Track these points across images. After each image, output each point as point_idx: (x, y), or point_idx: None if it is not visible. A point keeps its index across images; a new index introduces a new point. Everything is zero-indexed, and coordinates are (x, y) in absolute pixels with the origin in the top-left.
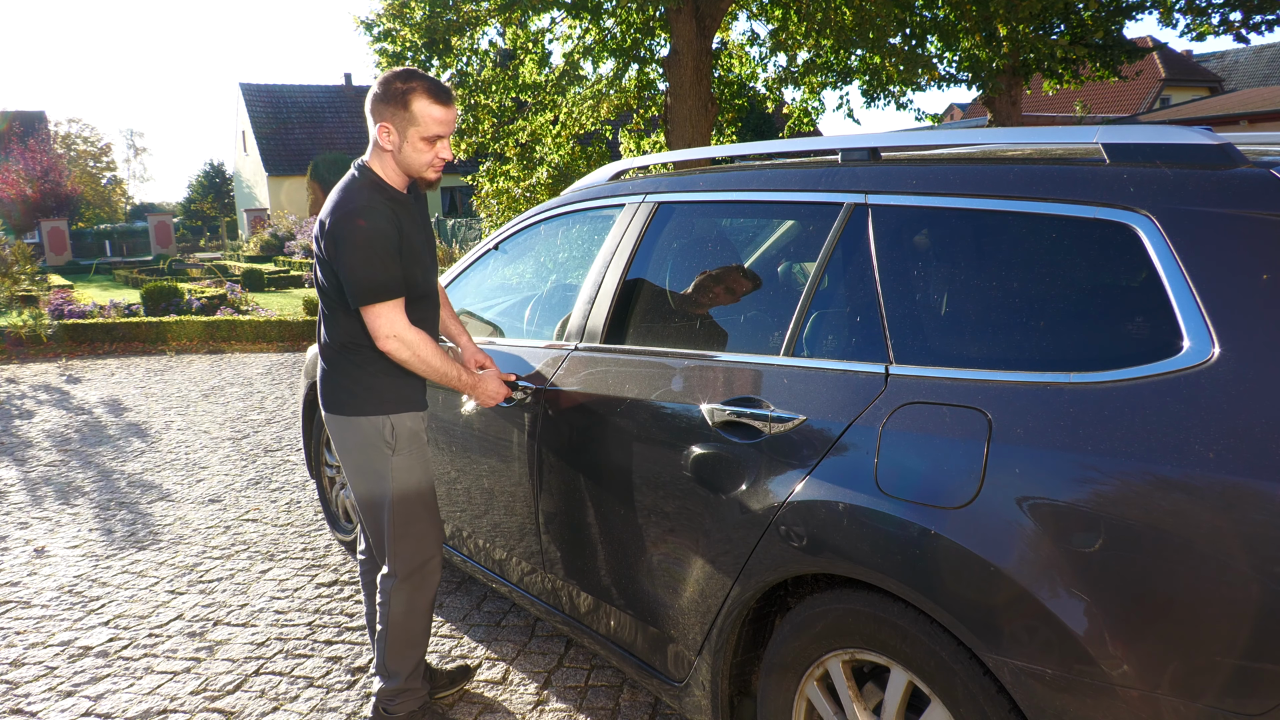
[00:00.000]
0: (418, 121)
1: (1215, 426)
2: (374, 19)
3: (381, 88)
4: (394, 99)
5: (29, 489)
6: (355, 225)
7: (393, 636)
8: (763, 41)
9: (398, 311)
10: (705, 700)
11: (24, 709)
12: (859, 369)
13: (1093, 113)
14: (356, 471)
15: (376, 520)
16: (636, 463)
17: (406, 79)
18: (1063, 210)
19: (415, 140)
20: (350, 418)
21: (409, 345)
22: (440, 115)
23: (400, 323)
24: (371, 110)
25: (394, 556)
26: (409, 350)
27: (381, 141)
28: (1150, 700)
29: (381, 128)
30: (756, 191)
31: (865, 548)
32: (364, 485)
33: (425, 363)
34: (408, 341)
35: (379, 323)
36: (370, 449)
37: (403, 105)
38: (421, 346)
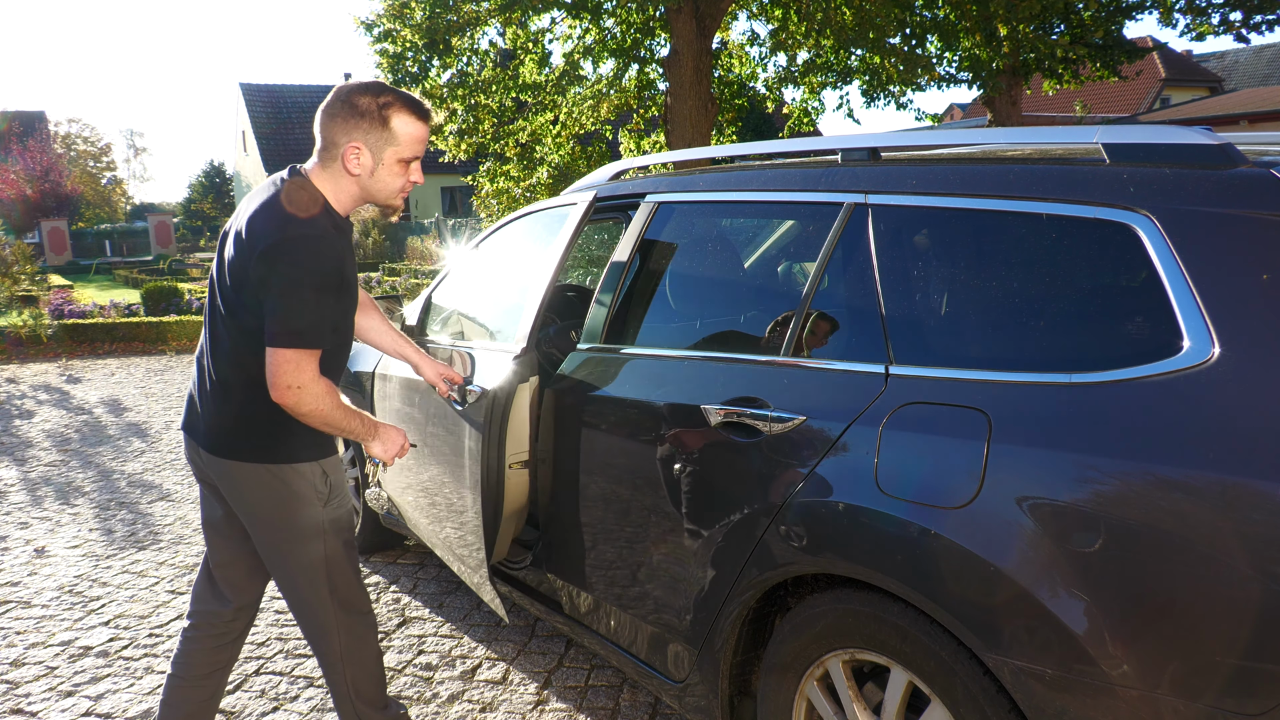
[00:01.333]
0: (397, 141)
1: (1215, 426)
2: (374, 19)
3: (348, 103)
4: (367, 115)
5: (29, 489)
6: (303, 254)
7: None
8: (763, 41)
9: (312, 361)
10: (705, 700)
11: (24, 709)
12: (859, 369)
13: (1093, 113)
14: (276, 530)
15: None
16: (636, 462)
17: (380, 92)
18: (1063, 210)
19: (392, 163)
20: (274, 466)
21: (313, 399)
22: (422, 134)
23: (309, 372)
24: (335, 128)
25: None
26: (311, 404)
27: (349, 165)
28: (1150, 700)
29: (351, 148)
30: (756, 191)
31: (865, 548)
32: (288, 546)
33: (324, 416)
34: (312, 394)
35: (285, 369)
36: (298, 502)
37: (380, 123)
38: (324, 399)
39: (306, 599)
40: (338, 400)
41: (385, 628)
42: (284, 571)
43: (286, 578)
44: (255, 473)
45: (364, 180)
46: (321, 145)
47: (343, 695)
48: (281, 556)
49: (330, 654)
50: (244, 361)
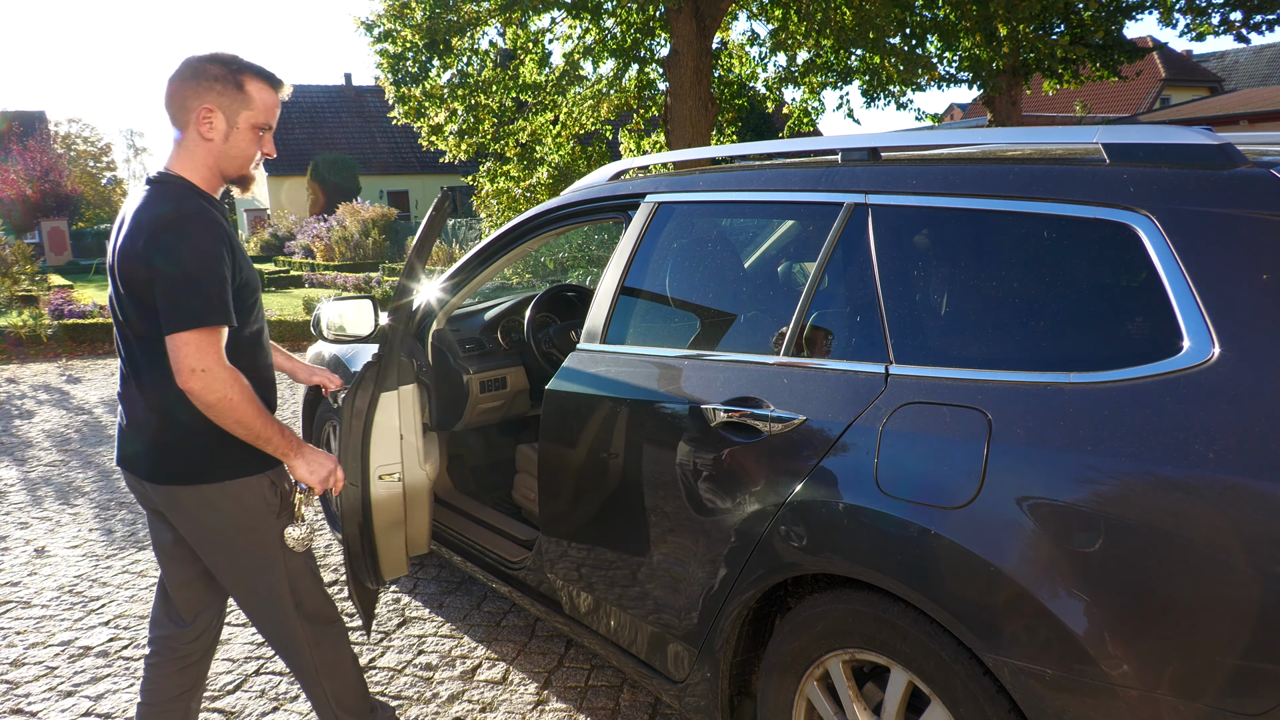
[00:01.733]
0: (252, 104)
1: (1215, 426)
2: (374, 20)
3: (199, 69)
4: (220, 79)
5: (29, 489)
6: (182, 234)
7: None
8: (763, 41)
9: (214, 342)
10: (705, 700)
11: (24, 709)
12: (859, 369)
13: (1093, 113)
14: (231, 551)
15: (272, 606)
16: (636, 463)
17: (231, 60)
18: (1063, 210)
19: (246, 128)
20: (221, 485)
21: (221, 384)
22: (274, 101)
23: (213, 355)
24: (187, 93)
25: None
26: (220, 390)
27: (203, 130)
28: (1150, 700)
29: (204, 111)
30: (756, 191)
31: (865, 548)
32: (246, 565)
33: (235, 408)
34: (220, 379)
35: (187, 351)
36: (250, 518)
37: (234, 85)
38: (234, 386)
39: (272, 617)
40: (253, 396)
41: (385, 628)
42: (245, 592)
43: (249, 598)
44: (202, 495)
45: (218, 146)
46: (173, 118)
47: (324, 707)
48: (240, 577)
49: (305, 669)
50: (170, 381)
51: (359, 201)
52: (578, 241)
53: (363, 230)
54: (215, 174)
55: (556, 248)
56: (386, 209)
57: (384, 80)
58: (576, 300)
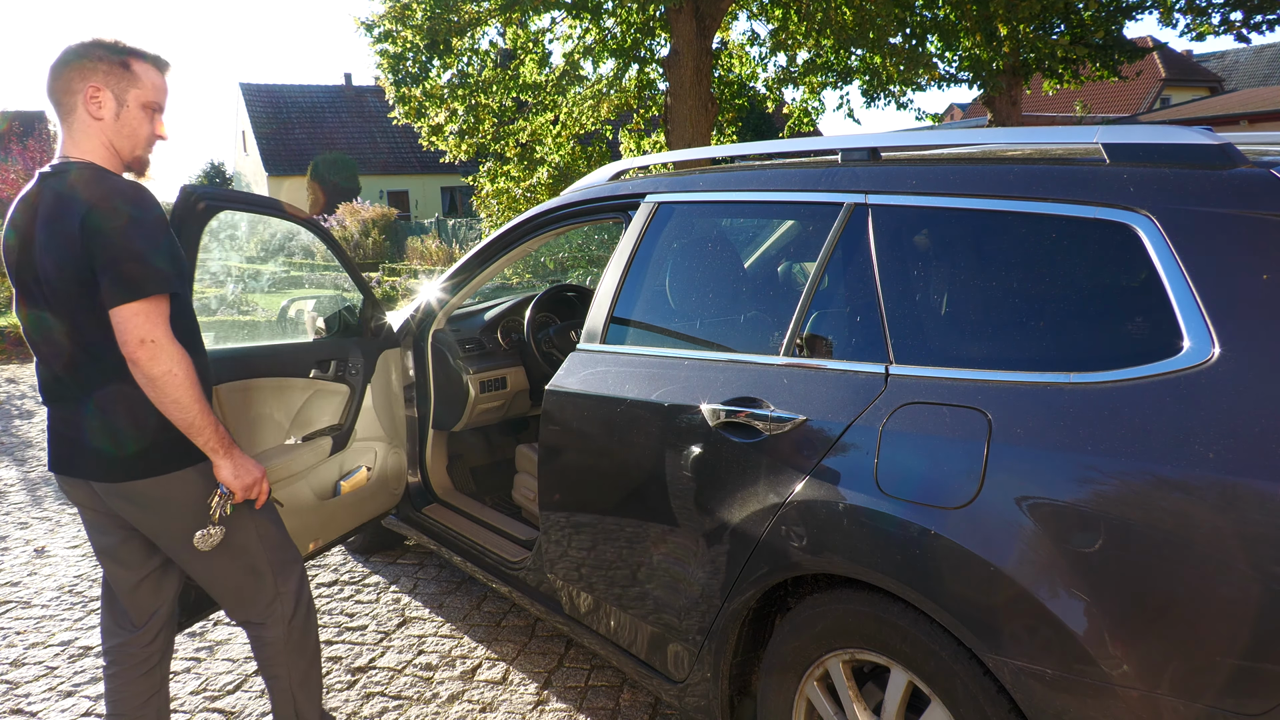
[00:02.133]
0: (140, 83)
1: (1215, 426)
2: (374, 20)
3: (81, 53)
4: (104, 59)
5: (29, 489)
6: (133, 200)
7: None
8: (763, 41)
9: (160, 313)
10: (705, 700)
11: (24, 709)
12: (859, 369)
13: (1093, 113)
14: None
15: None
16: (636, 463)
17: (114, 43)
18: (1063, 210)
19: (136, 107)
20: (179, 473)
21: (168, 358)
22: (162, 82)
23: (161, 327)
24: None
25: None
26: (166, 363)
27: (91, 110)
28: (1150, 700)
29: (90, 90)
30: (756, 191)
31: (865, 548)
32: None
33: (178, 385)
34: (167, 353)
35: (136, 321)
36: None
37: (120, 65)
38: (181, 363)
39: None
40: (195, 379)
41: (385, 628)
42: (220, 567)
43: (224, 574)
44: (179, 480)
45: (109, 126)
46: (59, 104)
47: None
48: (216, 554)
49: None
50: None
51: (359, 201)
52: (578, 241)
53: (363, 230)
54: (113, 155)
55: (556, 248)
56: (386, 209)
57: (384, 81)
58: (576, 300)
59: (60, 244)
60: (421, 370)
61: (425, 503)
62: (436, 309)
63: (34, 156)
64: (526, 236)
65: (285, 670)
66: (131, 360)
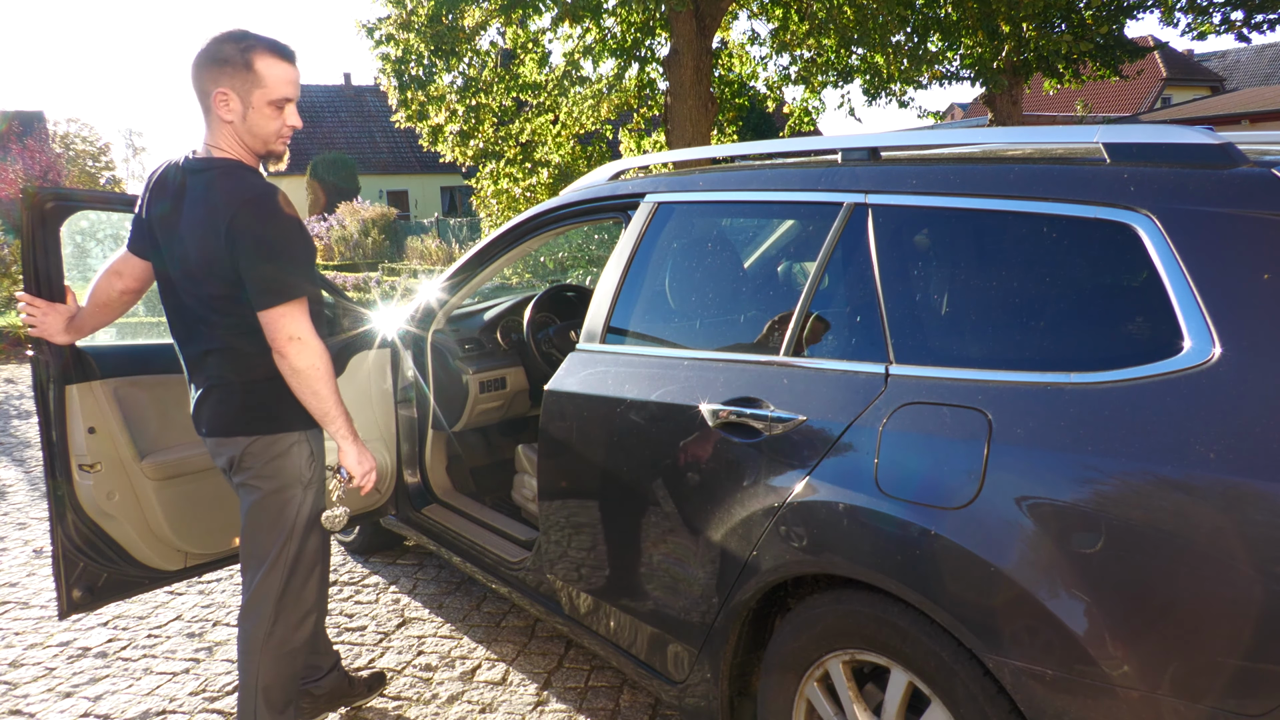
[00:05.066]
0: (263, 82)
1: (1216, 427)
2: (376, 24)
3: (210, 53)
4: (229, 61)
5: (29, 489)
6: (274, 207)
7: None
8: (763, 41)
9: (304, 312)
10: (705, 701)
11: (23, 709)
12: (859, 369)
13: (1094, 112)
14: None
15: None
16: (636, 463)
17: (242, 38)
18: (1063, 210)
19: (262, 105)
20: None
21: (312, 353)
22: (288, 74)
23: (305, 325)
24: (204, 78)
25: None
26: (310, 358)
27: (221, 112)
28: (1151, 701)
29: (220, 94)
30: (756, 191)
31: (865, 548)
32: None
33: (320, 377)
34: (312, 348)
35: (283, 322)
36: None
37: (244, 65)
38: (323, 356)
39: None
40: (332, 372)
41: (385, 628)
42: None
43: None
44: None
45: (238, 126)
46: (199, 100)
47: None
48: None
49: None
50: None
51: (358, 201)
52: (578, 241)
53: (362, 230)
54: (247, 151)
55: (556, 248)
56: (386, 209)
57: (388, 85)
58: (576, 300)
59: (208, 240)
60: (421, 370)
61: (425, 503)
62: (436, 309)
63: (34, 156)
64: (526, 236)
65: (253, 671)
66: (280, 354)
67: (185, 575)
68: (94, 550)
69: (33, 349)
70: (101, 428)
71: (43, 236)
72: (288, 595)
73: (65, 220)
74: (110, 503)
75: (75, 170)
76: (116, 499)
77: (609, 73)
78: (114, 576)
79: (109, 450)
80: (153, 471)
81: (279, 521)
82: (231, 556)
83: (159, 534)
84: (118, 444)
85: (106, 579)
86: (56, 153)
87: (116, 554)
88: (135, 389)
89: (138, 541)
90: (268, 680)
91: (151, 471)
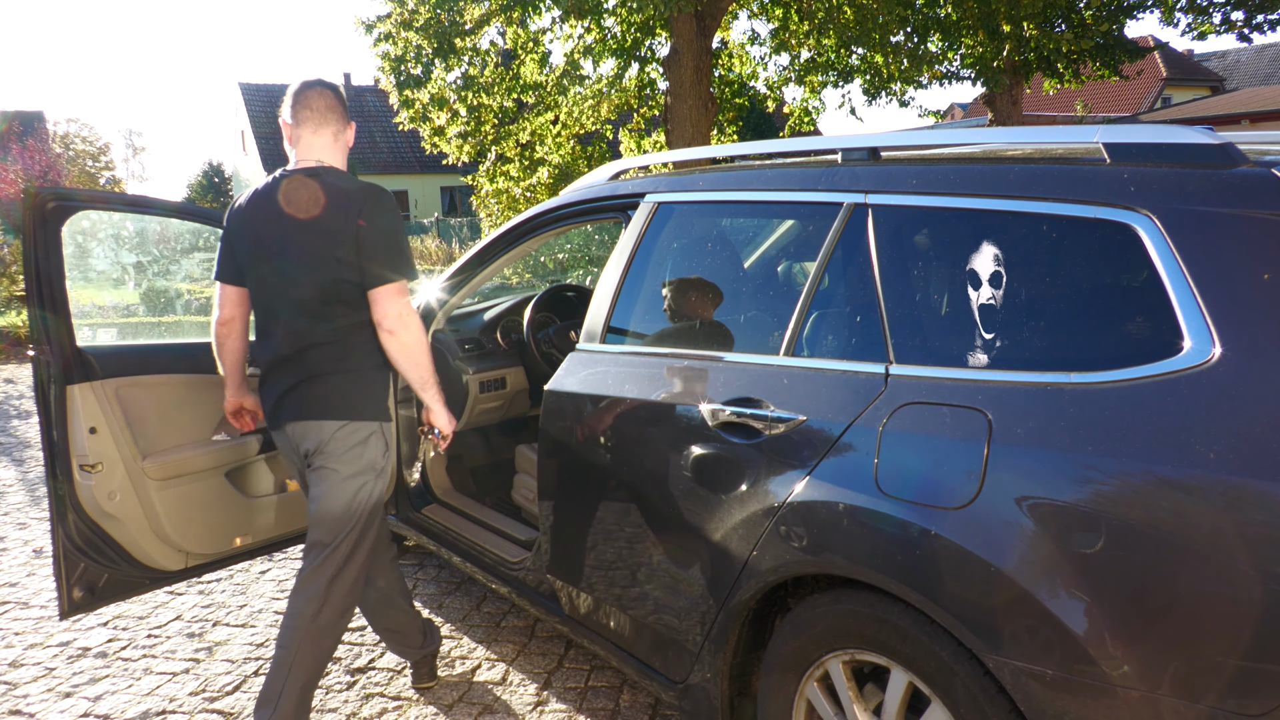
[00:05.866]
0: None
1: (1216, 427)
2: (375, 22)
3: (341, 97)
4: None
5: (28, 489)
6: (388, 205)
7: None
8: (763, 41)
9: (408, 293)
10: (705, 701)
11: (23, 710)
12: (859, 369)
13: (1094, 112)
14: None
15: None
16: (636, 463)
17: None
18: (1063, 210)
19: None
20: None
21: (416, 328)
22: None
23: (409, 304)
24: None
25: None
26: (416, 333)
27: (345, 138)
28: (1151, 701)
29: (350, 127)
30: (756, 191)
31: (865, 548)
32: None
33: (424, 352)
34: (416, 324)
35: (395, 301)
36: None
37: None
38: (423, 333)
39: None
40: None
41: None
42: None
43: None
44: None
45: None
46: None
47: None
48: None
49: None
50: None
51: None
52: (578, 241)
53: None
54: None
55: (556, 248)
56: None
57: (387, 84)
58: (576, 300)
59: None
60: None
61: (425, 503)
62: (436, 309)
63: (34, 156)
64: (526, 236)
65: (293, 648)
66: (389, 330)
67: (186, 576)
68: (95, 551)
69: (34, 348)
70: (103, 428)
71: (44, 237)
72: (342, 579)
73: (67, 220)
74: (111, 503)
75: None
76: (118, 499)
77: (609, 73)
78: (115, 577)
79: (110, 450)
80: (155, 471)
81: (351, 505)
82: (232, 557)
83: (160, 534)
84: (119, 444)
85: (107, 579)
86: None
87: (118, 554)
88: (136, 389)
89: (139, 542)
90: (304, 659)
91: (154, 471)
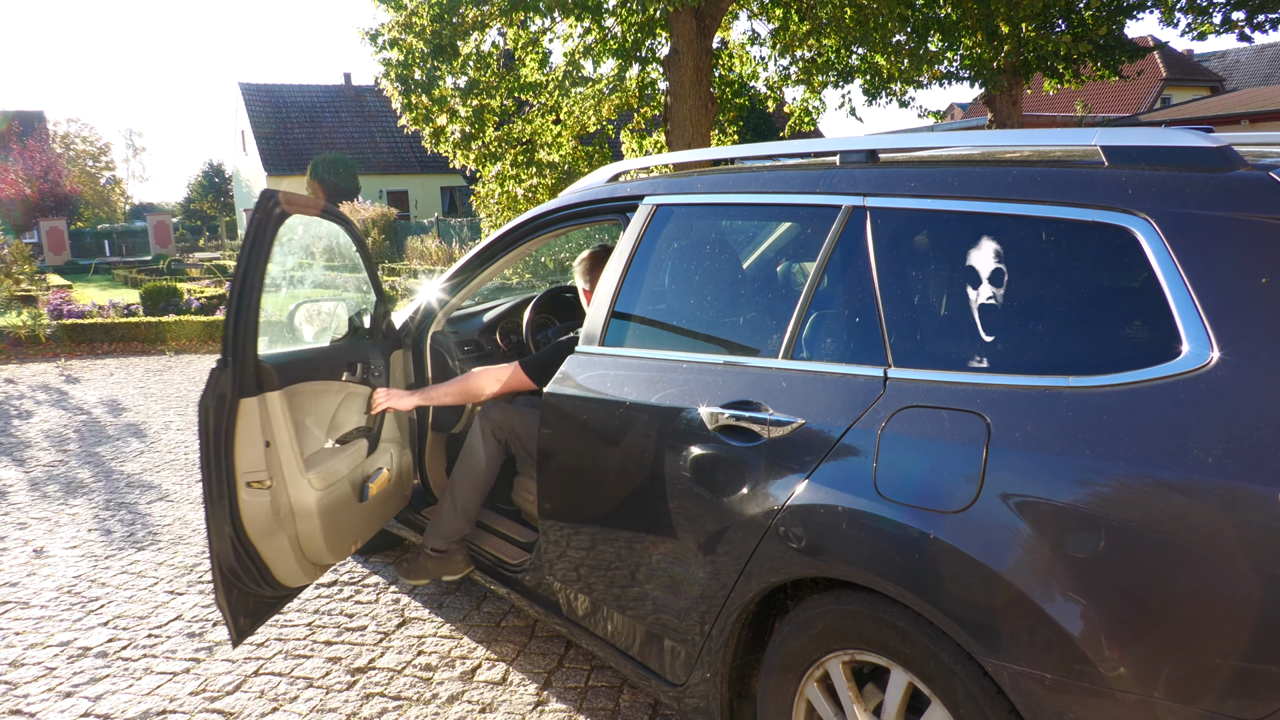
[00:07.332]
0: None
1: (1214, 430)
2: (379, 30)
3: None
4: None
5: (28, 489)
6: None
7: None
8: (763, 41)
9: None
10: (705, 702)
11: (23, 709)
12: (858, 372)
13: (1093, 112)
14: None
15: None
16: (635, 465)
17: None
18: (1061, 213)
19: None
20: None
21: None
22: None
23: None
24: None
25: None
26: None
27: None
28: (1149, 704)
29: None
30: (755, 194)
31: (864, 551)
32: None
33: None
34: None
35: None
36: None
37: None
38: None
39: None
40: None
41: (385, 628)
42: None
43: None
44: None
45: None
46: None
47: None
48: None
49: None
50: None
51: (359, 201)
52: (578, 242)
53: (362, 230)
54: None
55: (556, 248)
56: (386, 209)
57: (391, 90)
58: (575, 301)
59: None
60: (420, 372)
61: (424, 504)
62: (436, 310)
63: (33, 156)
64: (526, 237)
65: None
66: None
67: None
68: (244, 573)
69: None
70: (275, 441)
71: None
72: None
73: (283, 225)
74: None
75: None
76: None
77: (609, 73)
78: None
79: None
80: (318, 481)
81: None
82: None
83: (309, 550)
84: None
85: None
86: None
87: (260, 575)
88: (296, 398)
89: (289, 559)
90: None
91: (317, 481)
